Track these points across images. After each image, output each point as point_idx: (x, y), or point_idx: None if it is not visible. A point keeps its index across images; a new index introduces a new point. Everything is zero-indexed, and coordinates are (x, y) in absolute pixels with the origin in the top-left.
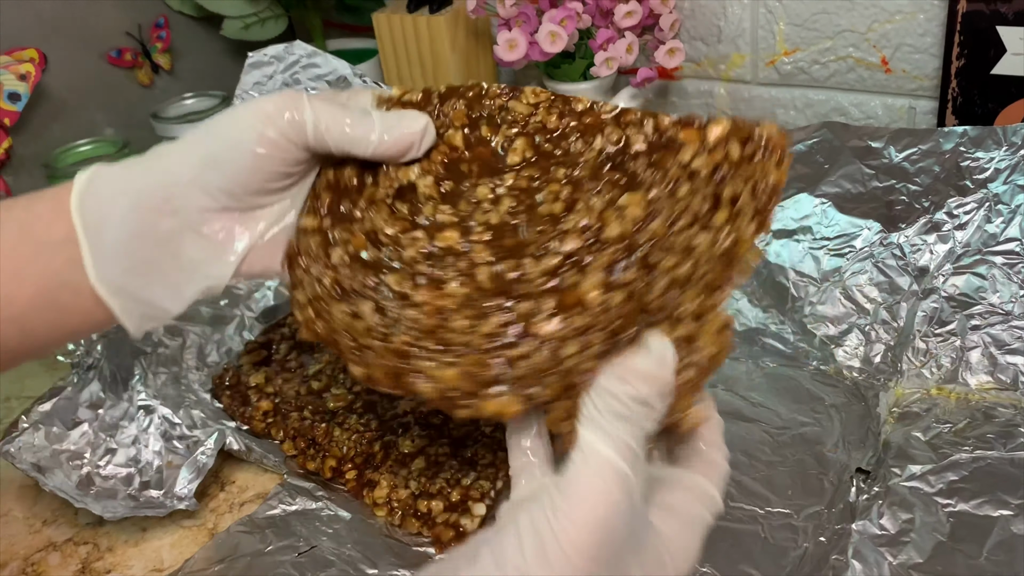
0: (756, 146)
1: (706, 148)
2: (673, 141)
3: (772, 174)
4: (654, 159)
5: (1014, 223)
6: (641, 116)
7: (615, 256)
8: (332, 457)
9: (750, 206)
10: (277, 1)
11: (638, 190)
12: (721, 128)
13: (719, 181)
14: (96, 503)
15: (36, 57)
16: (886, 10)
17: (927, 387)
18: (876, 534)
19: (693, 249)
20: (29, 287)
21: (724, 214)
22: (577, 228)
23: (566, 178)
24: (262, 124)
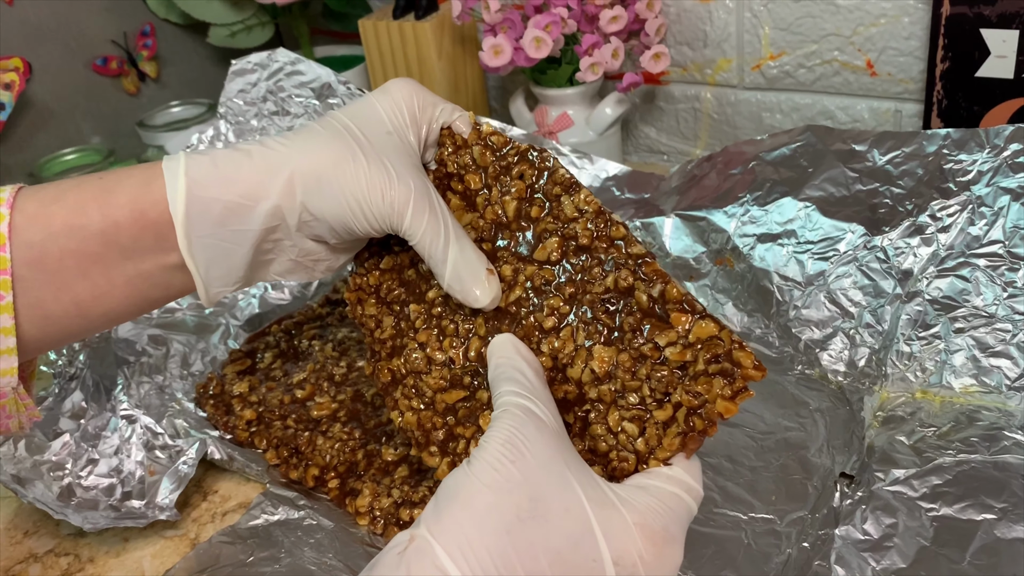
0: (725, 367)
1: (685, 342)
2: (666, 316)
3: (722, 404)
4: (642, 324)
5: (997, 225)
6: (656, 276)
7: (563, 395)
8: (315, 466)
9: (682, 424)
10: (264, 8)
11: (612, 346)
12: (704, 332)
13: (679, 379)
14: (77, 514)
15: (21, 66)
16: (871, 13)
17: (911, 391)
18: (859, 539)
19: (619, 432)
20: (121, 289)
21: (664, 414)
22: (550, 350)
23: (569, 299)
24: (365, 212)
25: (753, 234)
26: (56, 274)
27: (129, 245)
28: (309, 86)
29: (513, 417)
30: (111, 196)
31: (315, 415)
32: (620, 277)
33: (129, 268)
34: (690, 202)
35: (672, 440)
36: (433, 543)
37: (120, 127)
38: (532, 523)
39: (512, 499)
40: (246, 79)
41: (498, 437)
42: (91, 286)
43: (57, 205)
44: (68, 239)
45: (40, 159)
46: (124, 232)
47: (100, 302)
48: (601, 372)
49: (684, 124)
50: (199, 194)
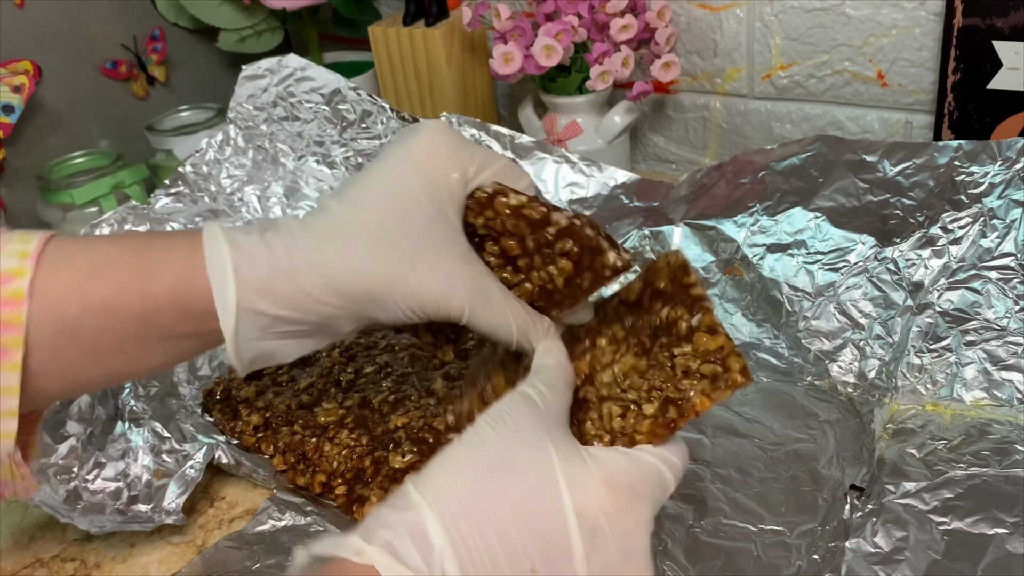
0: (716, 370)
1: (695, 352)
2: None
3: (698, 398)
4: (674, 346)
5: (1009, 238)
6: (701, 310)
7: (584, 395)
8: (322, 472)
9: (658, 411)
10: (273, 14)
11: (640, 357)
12: (712, 344)
13: (674, 378)
14: (83, 518)
15: (30, 69)
16: (882, 24)
17: (922, 403)
18: (870, 552)
19: (604, 416)
20: (158, 359)
21: (651, 408)
22: (591, 359)
23: (629, 329)
24: (425, 312)
25: (763, 244)
26: (91, 347)
27: (169, 328)
28: (319, 92)
29: (508, 398)
30: (151, 282)
31: (322, 421)
32: (674, 312)
33: (167, 344)
34: (699, 211)
35: (644, 423)
36: (410, 488)
37: (129, 131)
38: (499, 473)
39: (483, 454)
40: (256, 84)
41: (490, 412)
42: (126, 359)
43: (93, 283)
44: (106, 318)
45: (49, 162)
46: (164, 316)
47: (134, 370)
48: (620, 376)
49: (693, 133)
50: (246, 306)
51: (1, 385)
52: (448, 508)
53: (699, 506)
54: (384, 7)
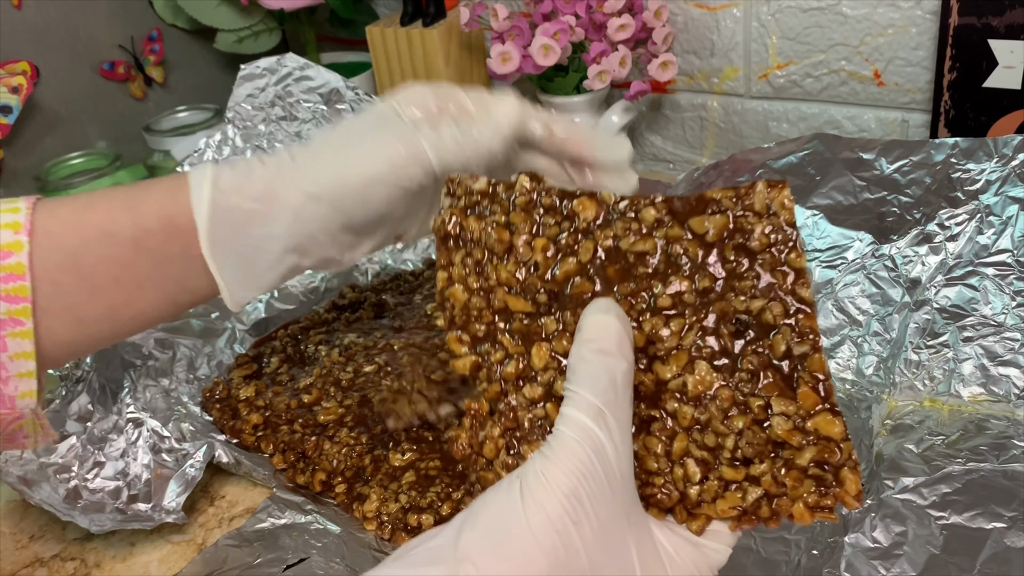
0: (826, 478)
1: (800, 423)
2: (795, 384)
3: (799, 509)
4: (764, 373)
5: (1005, 234)
6: (810, 333)
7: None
8: (322, 471)
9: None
10: (271, 14)
11: (718, 372)
12: (826, 428)
13: (770, 454)
14: (83, 517)
15: (28, 70)
16: (878, 23)
17: (920, 399)
18: (869, 547)
19: (677, 464)
20: (151, 293)
21: (734, 475)
22: (650, 331)
23: (701, 292)
24: (385, 166)
25: None
26: (90, 279)
27: (158, 251)
28: (318, 91)
29: (580, 456)
30: (141, 204)
31: (322, 420)
32: (770, 308)
33: (159, 274)
34: None
35: (728, 510)
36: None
37: (127, 132)
38: None
39: (567, 572)
40: (255, 84)
41: (560, 484)
42: (123, 291)
43: (90, 212)
44: (102, 246)
45: (47, 163)
46: (154, 238)
47: (131, 306)
48: (693, 393)
49: (690, 133)
50: (221, 200)
51: (18, 351)
52: None
53: None
54: (381, 7)
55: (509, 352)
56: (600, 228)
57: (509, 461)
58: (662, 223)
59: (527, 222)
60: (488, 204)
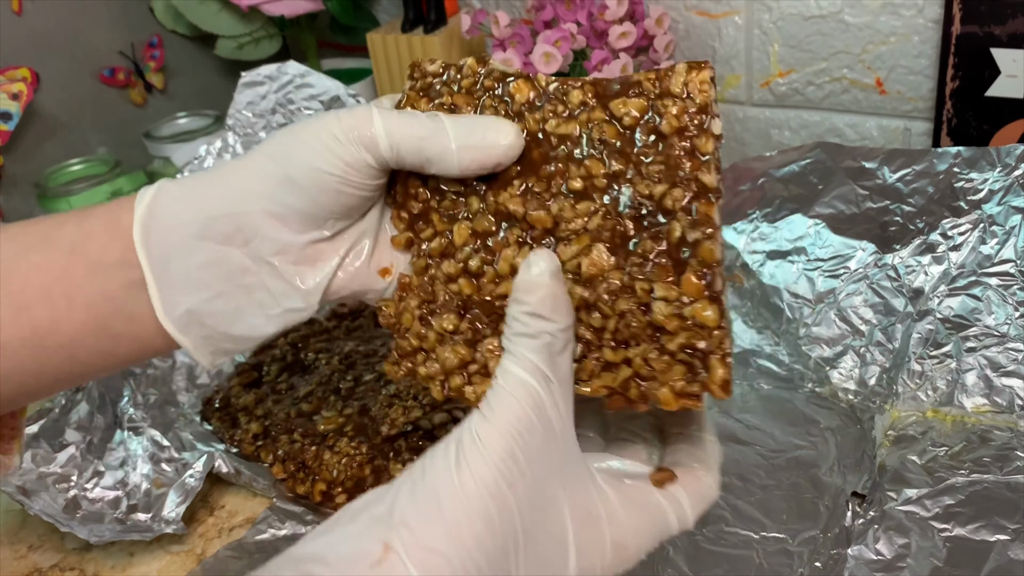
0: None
1: (679, 310)
2: (683, 269)
3: (665, 394)
4: (656, 257)
5: (1008, 244)
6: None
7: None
8: (322, 481)
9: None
10: (271, 21)
11: (613, 256)
12: (702, 316)
13: (648, 338)
14: (82, 527)
15: (28, 76)
16: (880, 32)
17: (923, 410)
18: (872, 559)
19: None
20: (81, 312)
21: (612, 356)
22: (557, 212)
23: (611, 177)
24: (332, 143)
25: (763, 251)
26: (18, 294)
27: (96, 256)
28: (318, 99)
29: (517, 413)
30: (92, 210)
31: (322, 429)
32: (671, 194)
33: (92, 287)
34: None
35: (599, 388)
36: (408, 566)
37: (127, 138)
38: (512, 553)
39: (502, 532)
40: (255, 91)
41: (496, 445)
42: (51, 309)
43: (38, 223)
44: (38, 253)
45: (47, 169)
46: (94, 241)
47: (59, 328)
48: (586, 274)
49: None
50: (166, 188)
51: None
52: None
53: None
54: (382, 14)
55: (437, 229)
56: (530, 111)
57: (422, 331)
58: (586, 105)
59: (470, 104)
60: (440, 86)
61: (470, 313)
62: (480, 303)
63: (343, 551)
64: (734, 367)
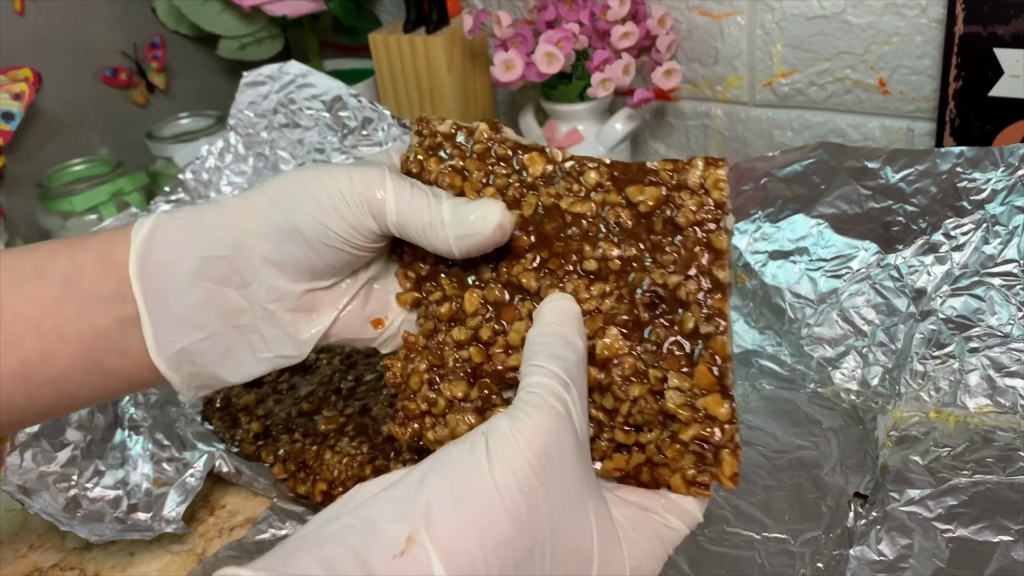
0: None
1: (692, 401)
2: (695, 362)
3: (677, 482)
4: (668, 347)
5: (1012, 244)
6: (718, 316)
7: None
8: (323, 480)
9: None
10: (274, 21)
11: (626, 340)
12: (715, 408)
13: (660, 425)
14: (83, 526)
15: (30, 76)
16: (883, 32)
17: (925, 410)
18: (874, 560)
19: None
20: (72, 346)
21: (624, 438)
22: (572, 290)
23: (626, 260)
24: (341, 205)
25: (765, 251)
26: (7, 326)
27: (89, 290)
28: (320, 98)
29: (551, 414)
30: (85, 241)
31: (322, 429)
32: (685, 285)
33: (84, 321)
34: None
35: (612, 471)
36: (434, 561)
37: (129, 138)
38: (541, 560)
39: (530, 534)
40: (257, 91)
41: (531, 442)
42: (42, 342)
43: (29, 253)
44: (30, 285)
45: (49, 169)
46: (87, 274)
47: (49, 362)
48: (600, 357)
49: (694, 141)
50: (164, 219)
51: None
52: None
53: None
54: (384, 14)
55: (447, 294)
56: (545, 184)
57: (430, 396)
58: (602, 187)
59: (481, 170)
60: (450, 147)
61: (480, 381)
62: (491, 373)
63: (362, 534)
64: (736, 368)
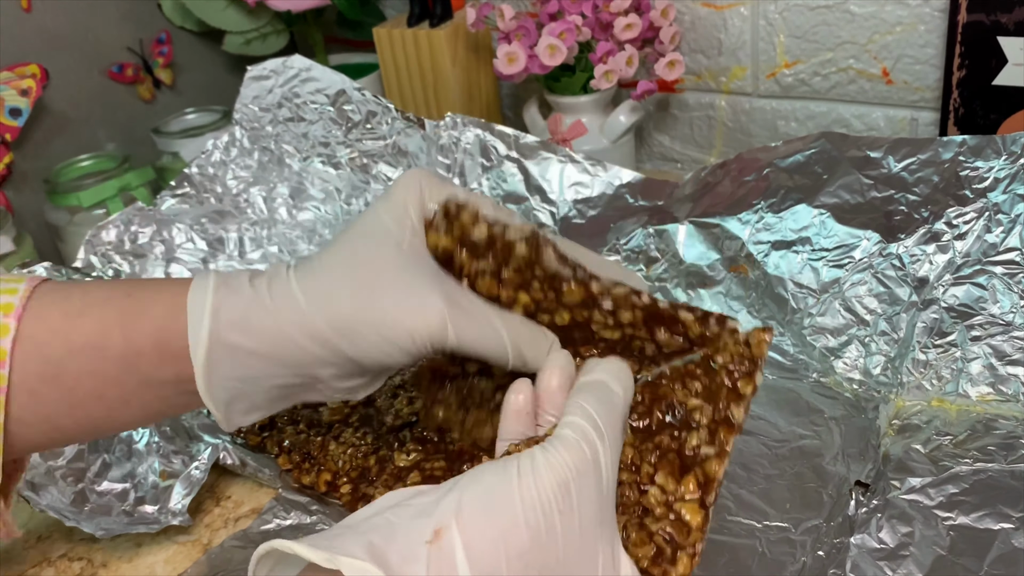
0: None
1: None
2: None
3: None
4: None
5: (1014, 233)
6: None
7: None
8: (327, 471)
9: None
10: (278, 16)
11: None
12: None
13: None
14: (89, 521)
15: (37, 72)
16: (886, 21)
17: (927, 399)
18: (875, 548)
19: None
20: (136, 411)
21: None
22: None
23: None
24: (407, 345)
25: (767, 241)
26: (72, 392)
27: (149, 373)
28: (324, 92)
29: (579, 455)
30: (136, 322)
31: (326, 420)
32: (702, 410)
33: (148, 393)
34: (704, 209)
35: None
36: (459, 553)
37: (135, 134)
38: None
39: (544, 554)
40: (261, 85)
41: (556, 473)
42: (106, 407)
43: (81, 320)
44: (88, 360)
45: (56, 165)
46: (145, 360)
47: (113, 420)
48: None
49: (698, 132)
50: (221, 339)
51: None
52: None
53: None
54: (388, 9)
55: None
56: (578, 308)
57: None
58: (635, 325)
59: (516, 284)
60: (486, 250)
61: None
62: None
63: (397, 525)
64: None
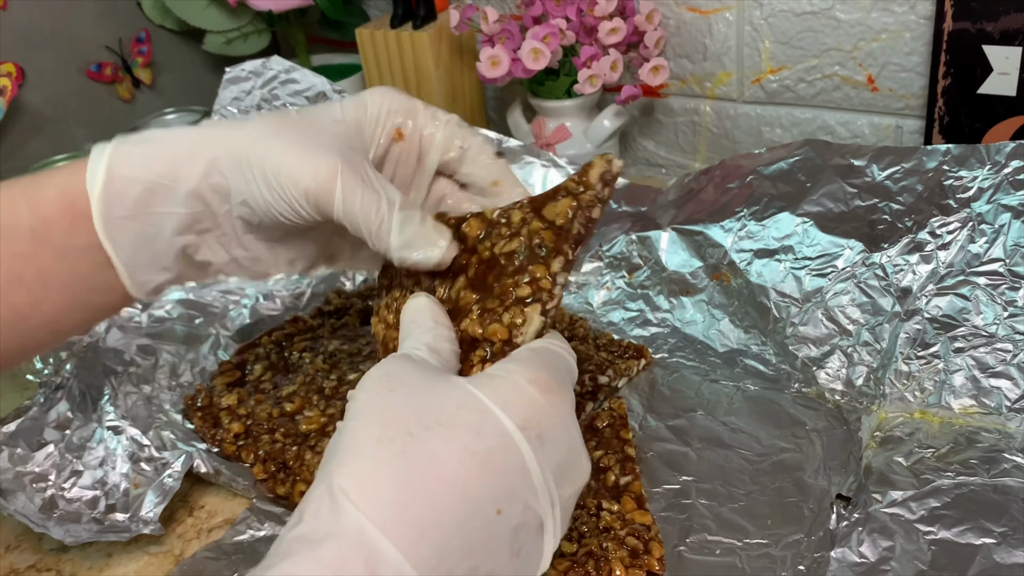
0: (637, 547)
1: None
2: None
3: (621, 570)
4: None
5: (998, 243)
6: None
7: None
8: (303, 482)
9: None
10: (260, 16)
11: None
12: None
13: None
14: (58, 527)
15: (13, 71)
16: (872, 28)
17: (910, 410)
18: (855, 562)
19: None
20: (57, 292)
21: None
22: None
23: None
24: (288, 193)
25: (750, 249)
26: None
27: (61, 243)
28: (304, 94)
29: (392, 358)
30: (41, 190)
31: (304, 429)
32: (607, 459)
33: (63, 269)
34: (687, 216)
35: (562, 572)
36: (340, 497)
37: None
38: (426, 433)
39: (398, 422)
40: (240, 87)
41: (372, 374)
42: (27, 292)
43: None
44: (2, 241)
45: (33, 165)
46: (55, 227)
47: (39, 309)
48: None
49: (683, 137)
50: (118, 172)
51: None
52: (388, 506)
53: (683, 525)
54: (372, 9)
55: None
56: (481, 241)
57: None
58: (525, 221)
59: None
60: None
61: None
62: None
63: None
64: (721, 367)
